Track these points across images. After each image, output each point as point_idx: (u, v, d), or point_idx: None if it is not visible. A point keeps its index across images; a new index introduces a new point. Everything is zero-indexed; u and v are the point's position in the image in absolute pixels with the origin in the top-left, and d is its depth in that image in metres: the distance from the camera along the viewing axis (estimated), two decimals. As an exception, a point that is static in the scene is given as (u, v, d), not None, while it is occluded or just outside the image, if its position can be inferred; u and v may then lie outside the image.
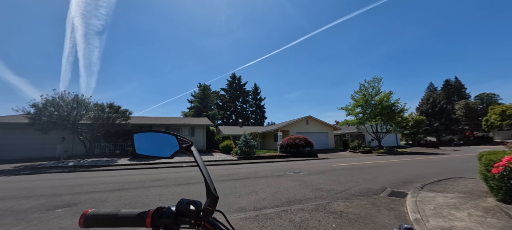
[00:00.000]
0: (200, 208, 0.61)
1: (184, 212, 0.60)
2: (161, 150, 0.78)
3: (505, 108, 35.59)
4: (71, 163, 13.70)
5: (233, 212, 4.33)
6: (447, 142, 40.22)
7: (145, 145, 0.79)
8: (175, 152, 0.78)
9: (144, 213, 0.60)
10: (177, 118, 33.57)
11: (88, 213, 0.61)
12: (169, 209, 0.61)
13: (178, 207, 0.61)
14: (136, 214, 0.61)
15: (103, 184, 7.47)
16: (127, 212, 0.62)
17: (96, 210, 0.63)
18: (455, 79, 58.10)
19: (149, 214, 0.60)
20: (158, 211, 0.60)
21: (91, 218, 0.60)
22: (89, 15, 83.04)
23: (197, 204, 0.62)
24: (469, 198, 4.86)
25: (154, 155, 0.79)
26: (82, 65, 75.80)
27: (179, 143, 0.78)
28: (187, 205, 0.61)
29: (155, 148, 0.79)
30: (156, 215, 0.60)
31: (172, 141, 0.78)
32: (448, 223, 3.56)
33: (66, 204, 5.01)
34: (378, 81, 25.64)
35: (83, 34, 74.30)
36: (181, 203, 0.61)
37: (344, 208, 4.51)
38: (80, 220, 0.60)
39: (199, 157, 0.72)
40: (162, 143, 0.78)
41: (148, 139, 0.80)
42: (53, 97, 16.21)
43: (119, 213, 0.61)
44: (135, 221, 0.60)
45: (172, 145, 0.78)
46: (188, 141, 0.78)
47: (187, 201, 0.62)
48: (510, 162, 3.58)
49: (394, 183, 6.97)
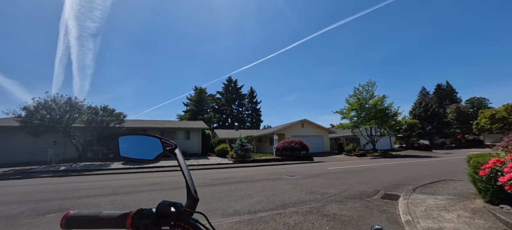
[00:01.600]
0: (180, 209, 0.62)
1: (164, 213, 0.60)
2: (145, 153, 0.79)
3: (495, 112, 36.59)
4: (63, 167, 13.41)
5: (228, 216, 4.33)
6: (439, 145, 41.00)
7: (129, 147, 0.80)
8: (158, 154, 0.77)
9: (125, 214, 0.61)
10: (173, 121, 33.30)
11: (70, 215, 0.62)
12: (149, 210, 0.61)
13: (158, 208, 0.61)
14: (117, 215, 0.61)
15: (96, 189, 7.35)
16: (108, 214, 0.62)
17: (78, 211, 0.63)
18: (446, 83, 59.59)
19: (130, 215, 0.60)
20: (139, 213, 0.61)
21: (73, 219, 0.61)
22: (83, 18, 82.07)
23: (177, 205, 0.63)
24: (458, 200, 4.98)
25: (138, 158, 0.80)
26: (76, 68, 74.64)
27: (163, 146, 0.78)
28: (167, 206, 0.61)
29: (139, 150, 0.80)
30: (136, 216, 0.60)
31: (156, 143, 0.78)
32: (437, 224, 3.64)
33: (57, 209, 4.92)
34: (372, 86, 26.09)
35: (77, 36, 73.36)
36: (161, 205, 0.62)
37: (337, 210, 4.57)
38: (62, 221, 0.60)
39: (183, 159, 0.73)
40: (146, 146, 0.79)
41: (133, 142, 0.81)
42: (45, 100, 15.90)
43: (100, 215, 0.61)
44: (116, 222, 0.60)
45: (156, 147, 0.78)
46: (172, 143, 0.78)
47: (167, 203, 0.63)
48: (496, 164, 3.71)
49: (387, 186, 7.08)
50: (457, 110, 47.20)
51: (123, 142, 0.81)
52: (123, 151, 0.80)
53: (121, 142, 0.81)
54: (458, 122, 46.42)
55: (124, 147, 0.80)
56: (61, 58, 58.84)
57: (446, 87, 59.17)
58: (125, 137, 0.81)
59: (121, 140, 0.81)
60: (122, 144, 0.80)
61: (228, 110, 56.70)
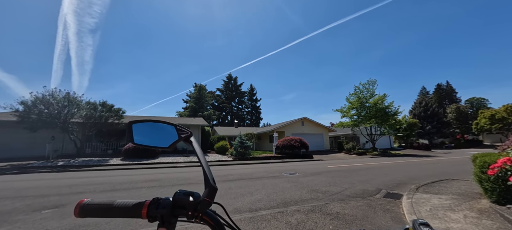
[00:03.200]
0: (198, 199, 0.58)
1: (181, 203, 0.57)
2: (160, 140, 0.76)
3: (494, 112, 36.55)
4: (61, 163, 13.28)
5: (228, 213, 4.22)
6: (438, 145, 41.00)
7: (143, 135, 0.77)
8: (174, 142, 0.75)
9: (140, 203, 0.58)
10: (172, 117, 33.18)
11: (83, 203, 0.59)
12: (166, 200, 0.59)
13: (175, 198, 0.58)
14: (132, 204, 0.58)
15: (94, 185, 7.24)
16: (122, 203, 0.59)
17: (91, 199, 0.61)
18: (446, 83, 59.50)
19: (145, 204, 0.58)
20: (155, 202, 0.58)
21: (87, 208, 0.59)
22: (82, 13, 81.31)
23: (195, 195, 0.59)
24: (463, 200, 4.89)
25: (152, 145, 0.77)
26: (75, 64, 73.74)
27: (178, 133, 0.75)
28: (184, 196, 0.58)
29: (153, 138, 0.77)
30: (153, 206, 0.57)
31: (171, 131, 0.76)
32: (444, 224, 3.55)
33: (53, 205, 4.80)
34: (372, 84, 25.95)
35: (76, 32, 72.53)
36: (178, 194, 0.59)
37: (340, 209, 4.47)
38: (76, 210, 0.58)
39: (199, 148, 0.69)
40: (161, 133, 0.77)
41: (146, 129, 0.78)
42: (43, 95, 15.69)
43: (114, 203, 0.59)
44: (130, 211, 0.58)
45: (171, 135, 0.76)
46: (187, 131, 0.76)
47: (184, 192, 0.59)
48: (506, 163, 3.60)
49: (389, 185, 6.99)
50: (456, 110, 47.17)
51: (136, 128, 0.77)
52: (137, 138, 0.76)
53: (134, 128, 0.76)
54: (458, 122, 46.43)
55: (137, 134, 0.77)
56: (60, 54, 58.23)
57: (446, 87, 59.09)
58: (139, 123, 0.77)
59: (134, 127, 0.77)
60: (136, 131, 0.76)
61: (227, 108, 56.50)
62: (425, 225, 0.56)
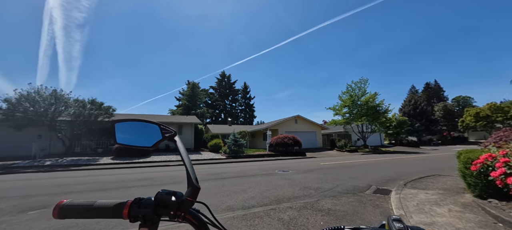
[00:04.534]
0: (180, 199, 0.58)
1: (164, 202, 0.57)
2: (143, 139, 0.75)
3: (479, 110, 37.96)
4: (48, 162, 12.88)
5: (221, 211, 4.24)
6: (427, 142, 42.30)
7: (126, 134, 0.76)
8: (157, 141, 0.75)
9: (121, 203, 0.57)
10: (164, 115, 32.69)
11: (63, 203, 0.58)
12: (148, 199, 0.58)
13: (157, 197, 0.57)
14: (113, 204, 0.57)
15: (83, 184, 7.08)
16: (104, 203, 0.58)
17: (71, 200, 0.59)
18: (434, 82, 61.28)
19: (127, 204, 0.56)
20: (136, 202, 0.57)
21: (66, 209, 0.57)
22: (70, 7, 78.10)
23: (178, 194, 0.59)
24: (448, 195, 5.10)
25: (135, 145, 0.76)
26: (62, 59, 70.93)
27: (162, 132, 0.74)
28: (167, 195, 0.58)
29: (136, 137, 0.76)
30: (134, 206, 0.56)
31: (155, 130, 0.75)
32: (430, 218, 3.69)
33: (41, 205, 4.67)
34: (364, 83, 26.41)
35: (63, 26, 69.49)
36: (160, 194, 0.58)
37: (331, 205, 4.57)
38: (54, 211, 0.57)
39: (183, 146, 0.69)
40: (144, 132, 0.75)
41: (130, 128, 0.77)
42: (28, 92, 15.15)
43: (95, 204, 0.58)
44: (112, 212, 0.57)
45: (154, 134, 0.75)
46: (171, 130, 0.75)
47: (167, 192, 0.59)
48: (488, 159, 3.78)
49: (379, 181, 7.18)
50: (444, 108, 48.75)
51: (120, 128, 0.76)
52: (120, 138, 0.75)
53: (118, 128, 0.76)
54: (445, 119, 48.01)
55: (120, 133, 0.76)
56: (46, 49, 55.89)
57: (434, 85, 60.86)
58: (122, 123, 0.76)
59: (117, 126, 0.76)
60: (119, 130, 0.76)
61: (221, 106, 56.20)
62: (398, 221, 0.59)
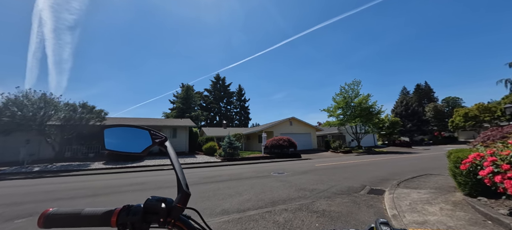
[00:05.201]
0: (170, 205, 0.57)
1: (153, 209, 0.55)
2: (133, 146, 0.74)
3: (467, 110, 39.11)
4: (37, 168, 12.48)
5: (216, 215, 4.19)
6: (418, 142, 43.17)
7: (115, 140, 0.75)
8: (147, 147, 0.73)
9: (109, 211, 0.56)
10: (158, 119, 32.27)
11: (48, 212, 0.56)
12: (137, 206, 0.57)
13: (146, 204, 0.56)
14: (101, 212, 0.56)
15: (73, 190, 6.88)
16: (91, 211, 0.57)
17: (57, 209, 0.58)
18: (425, 83, 62.82)
19: (115, 212, 0.55)
20: (125, 209, 0.56)
21: (52, 218, 0.55)
22: (60, 9, 76.48)
23: (168, 201, 0.58)
24: (439, 193, 5.20)
25: (124, 151, 0.74)
26: (52, 62, 69.19)
27: (152, 138, 0.73)
28: (156, 202, 0.56)
29: (126, 143, 0.74)
30: (123, 213, 0.55)
31: (145, 135, 0.74)
32: (422, 217, 3.75)
33: (28, 213, 4.50)
34: (357, 84, 26.81)
35: (53, 28, 67.85)
36: (150, 200, 0.57)
37: (326, 206, 4.58)
38: (39, 220, 0.55)
39: (173, 152, 0.68)
40: (134, 138, 0.74)
41: (119, 134, 0.75)
42: (16, 96, 14.69)
43: (82, 212, 0.56)
44: (99, 220, 0.55)
45: (144, 140, 0.73)
46: (162, 135, 0.73)
47: (156, 198, 0.58)
48: (476, 158, 3.88)
49: (373, 181, 7.26)
50: (434, 109, 49.99)
51: (109, 134, 0.74)
52: (109, 144, 0.74)
53: (107, 134, 0.74)
54: (435, 119, 49.20)
55: (109, 139, 0.74)
56: (35, 52, 54.44)
57: (425, 87, 62.39)
58: (111, 128, 0.75)
59: (107, 132, 0.74)
60: (108, 136, 0.74)
61: (216, 108, 55.95)
62: (385, 224, 0.60)
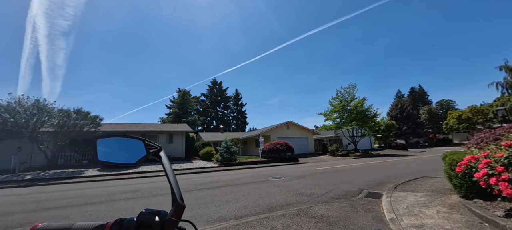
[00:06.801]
0: (164, 218, 0.56)
1: (147, 223, 0.55)
2: (126, 156, 0.72)
3: (461, 113, 39.80)
4: (29, 176, 12.19)
5: (213, 222, 4.12)
6: (414, 144, 43.67)
7: (108, 151, 0.73)
8: (141, 158, 0.72)
9: (101, 226, 0.55)
10: (154, 124, 31.99)
11: (37, 228, 0.55)
12: (130, 220, 0.56)
13: (139, 218, 0.56)
14: (92, 227, 0.55)
15: (66, 199, 6.72)
16: (82, 225, 0.56)
17: (47, 224, 0.57)
18: (419, 87, 63.85)
19: (107, 227, 0.55)
20: (117, 223, 0.56)
21: None
22: (54, 15, 75.71)
23: (162, 214, 0.57)
24: (436, 196, 5.22)
25: (117, 162, 0.72)
26: (45, 68, 68.03)
27: (146, 148, 0.72)
28: (150, 215, 0.56)
29: (119, 154, 0.72)
30: (115, 227, 0.55)
31: (139, 146, 0.72)
32: (420, 220, 3.75)
33: (18, 224, 4.37)
34: (353, 88, 27.14)
35: (47, 34, 66.93)
36: (143, 214, 0.56)
37: (324, 211, 4.56)
38: None
39: (168, 163, 0.66)
40: (127, 149, 0.72)
41: (112, 145, 0.73)
42: (8, 102, 14.42)
43: (73, 227, 0.55)
44: None
45: (138, 150, 0.72)
46: (156, 145, 0.72)
47: (150, 211, 0.57)
48: (471, 161, 3.92)
49: (370, 184, 7.27)
50: (429, 112, 50.70)
51: (102, 144, 0.73)
52: (101, 155, 0.72)
53: (99, 144, 0.72)
54: (430, 122, 49.87)
55: (102, 150, 0.72)
56: (28, 58, 53.65)
57: (419, 90, 63.38)
58: (104, 139, 0.73)
59: (99, 142, 0.72)
60: (101, 147, 0.72)
61: (213, 113, 55.75)
62: None
